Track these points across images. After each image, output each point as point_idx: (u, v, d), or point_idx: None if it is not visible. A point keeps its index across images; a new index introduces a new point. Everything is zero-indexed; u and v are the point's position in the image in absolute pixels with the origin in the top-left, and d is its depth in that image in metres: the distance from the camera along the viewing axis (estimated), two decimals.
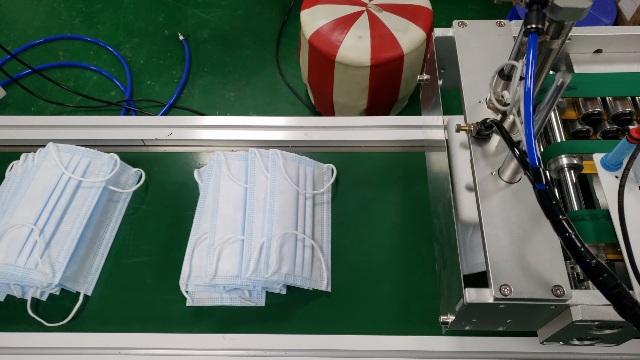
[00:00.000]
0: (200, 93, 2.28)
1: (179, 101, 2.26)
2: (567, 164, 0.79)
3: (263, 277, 0.89)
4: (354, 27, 1.86)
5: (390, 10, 1.89)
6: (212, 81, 2.31)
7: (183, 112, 2.22)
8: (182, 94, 2.28)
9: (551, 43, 0.59)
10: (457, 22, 0.89)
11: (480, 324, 0.75)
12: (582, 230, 0.72)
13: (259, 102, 2.26)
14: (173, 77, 2.31)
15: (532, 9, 0.55)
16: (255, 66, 2.35)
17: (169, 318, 0.94)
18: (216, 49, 2.40)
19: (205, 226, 0.96)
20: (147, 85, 2.30)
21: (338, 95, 2.01)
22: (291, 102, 2.28)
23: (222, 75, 2.32)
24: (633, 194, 0.73)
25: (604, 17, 2.29)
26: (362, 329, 0.93)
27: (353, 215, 1.03)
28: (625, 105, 0.84)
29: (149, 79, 2.32)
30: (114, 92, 2.29)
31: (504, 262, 0.67)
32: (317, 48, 1.85)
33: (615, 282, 0.56)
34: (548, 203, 0.56)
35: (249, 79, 2.32)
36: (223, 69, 2.34)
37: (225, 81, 2.31)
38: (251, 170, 0.98)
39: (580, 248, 0.56)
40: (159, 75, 2.32)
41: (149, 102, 2.25)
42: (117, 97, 2.27)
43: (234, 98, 2.27)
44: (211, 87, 2.29)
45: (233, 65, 2.35)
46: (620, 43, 0.89)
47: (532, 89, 0.55)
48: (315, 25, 1.88)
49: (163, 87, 2.29)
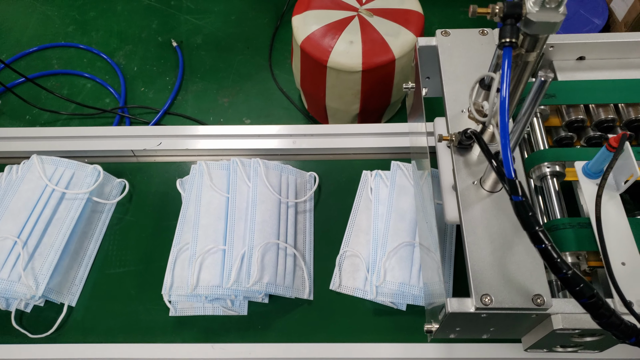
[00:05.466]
0: (194, 99, 2.28)
1: (172, 108, 2.26)
2: (550, 172, 0.79)
3: (244, 286, 0.88)
4: (345, 32, 1.85)
5: (381, 15, 1.89)
6: (206, 87, 2.31)
7: (177, 118, 2.22)
8: (175, 101, 2.28)
9: (527, 56, 0.59)
10: (440, 31, 0.89)
11: (464, 332, 0.75)
12: (563, 238, 0.72)
13: (253, 107, 2.26)
14: (167, 84, 2.31)
15: (507, 23, 0.55)
16: (249, 71, 2.35)
17: (152, 328, 0.93)
18: (209, 54, 2.39)
19: (187, 236, 0.95)
20: (141, 92, 2.30)
21: (331, 100, 2.01)
22: (285, 107, 2.27)
23: (215, 81, 2.32)
24: (614, 201, 0.72)
25: (595, 18, 2.28)
26: (346, 337, 0.92)
27: (335, 222, 1.02)
28: (608, 112, 0.83)
29: (143, 86, 2.32)
30: (108, 99, 2.28)
31: (485, 272, 0.66)
32: (309, 53, 1.85)
33: (592, 292, 0.56)
34: (524, 215, 0.56)
35: (242, 84, 2.31)
36: (216, 74, 2.34)
37: (219, 87, 2.30)
38: (233, 180, 0.98)
39: (557, 259, 0.55)
40: (153, 82, 2.32)
41: (143, 109, 2.25)
42: (111, 104, 2.27)
43: (227, 104, 2.27)
44: (205, 93, 2.29)
45: (226, 71, 2.35)
46: (602, 50, 0.89)
47: (508, 101, 0.55)
48: (307, 30, 1.88)
49: (157, 94, 2.29)
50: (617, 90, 0.84)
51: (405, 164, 1.04)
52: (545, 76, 0.54)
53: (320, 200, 1.07)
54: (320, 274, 0.98)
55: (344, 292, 0.96)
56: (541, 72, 0.54)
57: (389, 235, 0.96)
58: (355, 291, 0.96)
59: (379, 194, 1.02)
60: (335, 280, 0.97)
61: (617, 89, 0.84)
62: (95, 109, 2.19)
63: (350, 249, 0.99)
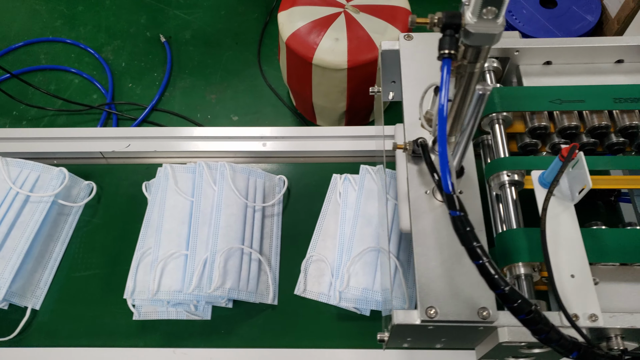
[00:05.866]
0: (182, 95, 2.27)
1: (160, 104, 2.25)
2: (509, 181, 0.78)
3: (206, 292, 0.88)
4: (330, 29, 1.84)
5: (367, 12, 1.88)
6: (194, 83, 2.30)
7: (164, 115, 2.22)
8: (163, 97, 2.27)
9: (471, 66, 0.58)
10: (403, 35, 0.88)
11: (416, 342, 0.74)
12: (517, 249, 0.71)
13: (241, 104, 2.25)
14: (154, 80, 2.30)
15: (446, 34, 0.54)
16: (237, 68, 2.34)
17: (116, 332, 0.93)
18: (198, 50, 2.38)
19: (150, 240, 0.95)
20: (128, 88, 2.29)
21: (317, 97, 2.00)
22: (273, 105, 2.26)
23: (203, 77, 2.31)
24: (568, 212, 0.71)
25: (588, 15, 2.26)
26: (309, 342, 0.92)
27: (303, 226, 1.02)
28: (571, 119, 0.82)
29: (131, 82, 2.31)
30: (95, 95, 2.28)
31: (433, 283, 0.66)
32: (294, 50, 1.84)
33: (530, 308, 0.55)
34: (462, 230, 0.55)
35: (230, 80, 2.30)
36: (204, 70, 2.33)
37: (207, 83, 2.29)
38: (198, 184, 0.97)
39: (494, 275, 0.55)
40: (141, 78, 2.31)
41: (130, 105, 2.24)
42: (99, 100, 2.26)
43: (215, 100, 2.26)
44: (192, 90, 2.28)
45: (214, 67, 2.34)
46: (569, 55, 0.87)
47: (445, 113, 0.54)
48: (293, 27, 1.86)
49: (144, 90, 2.28)
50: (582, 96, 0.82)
51: (374, 168, 1.03)
52: (483, 89, 0.53)
53: (289, 204, 1.06)
54: (286, 278, 0.98)
55: (308, 297, 0.96)
56: (479, 86, 0.53)
57: (354, 240, 0.96)
58: (320, 296, 0.95)
59: (347, 198, 1.02)
60: (300, 285, 0.96)
61: (582, 95, 0.82)
62: (82, 106, 2.19)
63: (317, 254, 0.99)
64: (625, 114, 0.82)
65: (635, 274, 0.71)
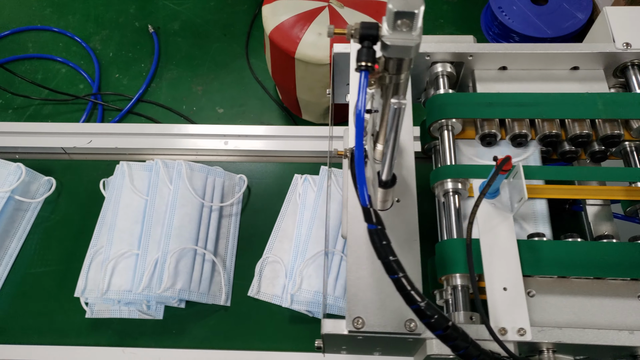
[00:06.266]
0: (168, 87, 2.26)
1: (146, 95, 2.25)
2: (452, 189, 0.77)
3: (155, 292, 0.88)
4: (314, 23, 1.83)
5: (352, 6, 1.86)
6: (180, 74, 2.29)
7: (149, 106, 2.21)
8: (149, 88, 2.26)
9: (396, 78, 0.57)
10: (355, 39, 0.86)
11: (352, 350, 0.74)
12: (454, 259, 0.70)
13: (227, 96, 2.24)
14: (141, 71, 2.30)
15: (363, 45, 0.53)
16: (225, 60, 2.33)
17: (68, 329, 0.94)
18: (186, 41, 2.37)
19: (104, 239, 0.95)
20: (115, 78, 2.29)
21: (301, 92, 1.99)
22: (259, 98, 2.25)
23: (190, 69, 2.30)
24: (506, 223, 0.71)
25: (579, 12, 2.24)
26: (260, 345, 0.92)
27: (262, 227, 1.02)
28: (522, 126, 0.81)
29: (118, 72, 2.30)
30: (82, 85, 2.28)
31: (362, 293, 0.65)
32: (278, 44, 1.82)
33: (447, 324, 0.55)
34: (378, 244, 0.55)
35: (217, 72, 2.30)
36: (192, 62, 2.32)
37: (194, 75, 2.29)
38: (154, 182, 0.97)
39: (410, 290, 0.54)
40: (128, 69, 2.31)
41: (116, 96, 2.24)
42: (85, 90, 2.26)
43: (201, 92, 2.25)
44: (179, 81, 2.27)
45: (202, 58, 2.33)
46: (524, 60, 0.86)
47: (362, 126, 0.54)
48: (276, 20, 1.85)
49: (131, 81, 2.28)
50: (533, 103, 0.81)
51: (334, 169, 1.02)
52: (398, 104, 0.52)
53: (249, 203, 1.06)
54: (242, 279, 0.98)
55: (262, 298, 0.96)
56: (394, 100, 0.53)
57: (310, 242, 0.95)
58: (274, 298, 0.95)
59: (306, 199, 1.01)
60: (254, 287, 0.96)
61: (533, 102, 0.81)
62: (68, 95, 2.19)
63: (273, 255, 0.99)
64: (577, 122, 0.81)
65: (572, 287, 0.70)
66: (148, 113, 2.20)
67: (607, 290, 0.69)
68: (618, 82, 0.88)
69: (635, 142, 0.83)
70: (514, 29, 2.24)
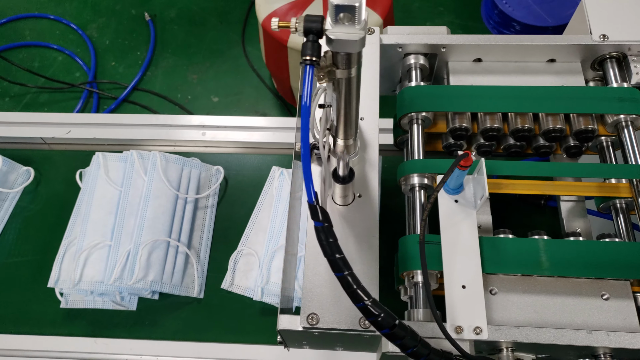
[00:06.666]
0: (163, 75, 2.26)
1: (141, 83, 2.24)
2: (418, 184, 0.76)
3: (126, 284, 0.88)
4: (307, 11, 1.81)
5: None
6: (176, 63, 2.28)
7: (145, 94, 2.21)
8: (145, 76, 2.26)
9: (346, 72, 0.55)
10: None
11: (313, 345, 0.74)
12: (413, 256, 0.69)
13: (222, 85, 2.23)
14: (137, 59, 2.29)
15: (308, 39, 0.52)
16: (221, 48, 2.32)
17: (42, 319, 0.94)
18: (182, 29, 2.36)
19: (78, 229, 0.95)
20: (111, 66, 2.29)
21: (295, 81, 1.97)
22: (255, 86, 2.24)
23: (186, 57, 2.29)
24: (469, 220, 0.70)
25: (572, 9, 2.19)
26: (232, 337, 0.92)
27: (237, 219, 1.01)
28: (494, 120, 0.80)
29: (114, 60, 2.30)
30: (78, 73, 2.28)
31: (318, 289, 0.65)
32: (270, 33, 1.81)
33: (393, 322, 0.54)
34: (324, 241, 0.54)
35: (213, 60, 2.28)
36: (188, 50, 2.31)
37: (189, 63, 2.28)
38: (128, 173, 0.97)
39: (355, 288, 0.54)
40: (124, 56, 2.30)
41: (112, 84, 2.24)
42: (81, 78, 2.26)
43: (196, 80, 2.24)
44: (174, 69, 2.27)
45: (198, 46, 2.32)
46: (499, 52, 0.84)
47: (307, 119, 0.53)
48: (269, 8, 1.83)
49: (127, 69, 2.28)
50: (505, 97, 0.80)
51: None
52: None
53: (226, 195, 1.05)
54: (216, 272, 0.98)
55: (235, 291, 0.95)
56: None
57: (282, 234, 0.95)
58: (247, 291, 0.95)
59: (281, 192, 1.01)
60: (227, 279, 0.96)
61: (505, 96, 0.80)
62: (63, 84, 2.19)
63: (248, 248, 0.98)
64: (550, 117, 0.79)
65: (536, 285, 0.69)
66: (143, 101, 2.19)
67: (570, 289, 0.68)
68: (597, 75, 0.86)
69: (612, 137, 0.81)
70: (515, 18, 2.20)
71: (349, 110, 0.61)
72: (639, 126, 0.77)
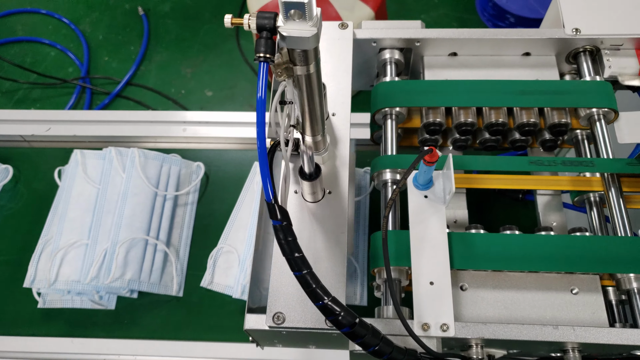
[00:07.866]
0: (157, 70, 2.25)
1: (135, 78, 2.24)
2: (391, 179, 0.75)
3: (103, 283, 0.88)
4: None
5: None
6: (170, 57, 2.27)
7: (138, 89, 2.20)
8: (138, 71, 2.25)
9: (304, 69, 0.55)
10: None
11: (285, 343, 0.74)
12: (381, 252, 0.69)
13: (216, 79, 2.23)
14: (131, 53, 2.28)
15: (262, 36, 0.51)
16: (215, 42, 2.31)
17: (19, 319, 0.94)
18: (176, 23, 2.35)
19: (55, 228, 0.95)
20: (104, 61, 2.28)
21: None
22: (249, 80, 2.23)
23: (180, 51, 2.28)
24: (438, 215, 0.69)
25: None
26: (211, 335, 0.92)
27: (218, 217, 1.01)
28: (468, 115, 0.79)
29: (107, 55, 2.29)
30: (71, 68, 2.27)
31: (284, 288, 0.64)
32: None
33: (353, 321, 0.54)
34: (283, 240, 0.54)
35: (207, 54, 2.27)
36: (181, 44, 2.30)
37: (183, 57, 2.27)
38: (107, 171, 0.96)
39: (315, 287, 0.53)
40: (117, 51, 2.30)
41: (105, 79, 2.23)
42: (74, 73, 2.25)
43: (190, 75, 2.23)
44: (168, 64, 2.26)
45: (192, 40, 2.30)
46: (474, 46, 0.83)
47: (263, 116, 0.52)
48: (261, 2, 1.83)
49: (120, 64, 2.27)
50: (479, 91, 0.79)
51: None
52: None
53: (207, 192, 1.05)
54: (196, 270, 0.97)
55: (215, 289, 0.95)
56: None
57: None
58: (226, 289, 0.95)
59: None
60: (207, 277, 0.96)
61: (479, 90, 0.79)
62: (56, 79, 2.18)
63: (228, 245, 0.98)
64: (524, 111, 0.78)
65: (506, 281, 0.69)
66: (137, 96, 2.19)
67: (540, 284, 0.68)
68: (573, 69, 0.85)
69: (586, 130, 0.80)
70: (509, 10, 2.18)
71: (313, 106, 0.61)
72: (610, 119, 0.76)
